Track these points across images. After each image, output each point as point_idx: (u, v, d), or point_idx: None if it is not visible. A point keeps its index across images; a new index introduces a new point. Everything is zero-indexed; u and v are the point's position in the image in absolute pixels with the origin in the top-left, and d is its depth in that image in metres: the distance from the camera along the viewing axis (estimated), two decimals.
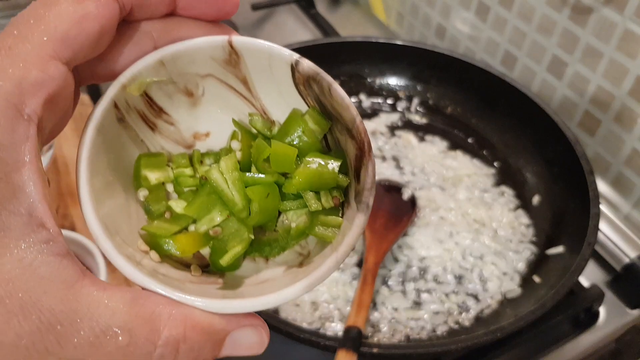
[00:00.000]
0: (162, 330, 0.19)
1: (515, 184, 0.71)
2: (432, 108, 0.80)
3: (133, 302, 0.20)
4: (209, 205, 0.25)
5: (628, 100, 0.68)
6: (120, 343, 0.19)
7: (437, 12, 0.95)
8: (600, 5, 0.67)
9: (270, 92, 0.26)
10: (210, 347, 0.21)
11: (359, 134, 0.24)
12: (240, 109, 0.27)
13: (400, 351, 0.48)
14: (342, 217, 0.25)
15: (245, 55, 0.25)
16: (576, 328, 0.62)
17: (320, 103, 0.26)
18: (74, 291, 0.19)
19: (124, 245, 0.23)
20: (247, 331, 0.22)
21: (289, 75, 0.25)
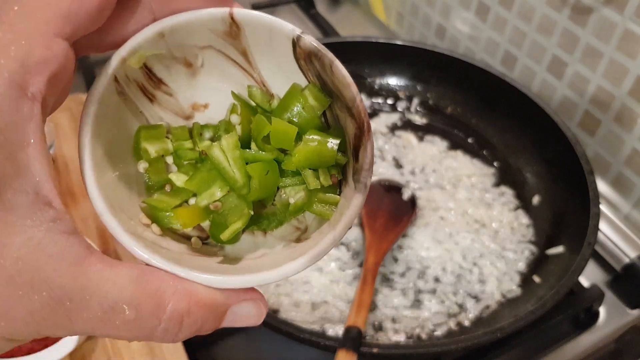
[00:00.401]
0: (167, 305, 0.20)
1: (515, 184, 0.71)
2: (432, 108, 0.80)
3: (139, 278, 0.20)
4: (210, 181, 0.25)
5: (628, 100, 0.68)
6: (127, 318, 0.19)
7: (437, 12, 0.95)
8: (600, 5, 0.67)
9: (270, 66, 0.26)
10: (212, 320, 0.21)
11: (359, 113, 0.24)
12: (239, 80, 0.27)
13: (400, 351, 0.48)
14: (339, 194, 0.26)
15: (246, 27, 0.25)
16: (576, 328, 0.62)
17: (321, 79, 0.26)
18: (83, 268, 0.19)
19: (126, 219, 0.23)
20: (247, 305, 0.23)
21: (290, 49, 0.25)
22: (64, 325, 0.19)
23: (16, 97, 0.18)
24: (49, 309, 0.18)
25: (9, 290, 0.18)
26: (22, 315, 0.18)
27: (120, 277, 0.20)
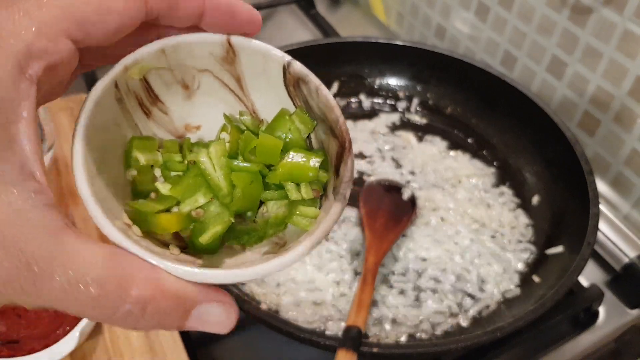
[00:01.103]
0: (132, 288, 0.20)
1: (514, 184, 0.71)
2: (432, 108, 0.81)
3: (110, 258, 0.20)
4: (194, 188, 0.26)
5: (628, 101, 0.68)
6: (90, 294, 0.19)
7: (437, 13, 0.95)
8: (600, 5, 0.67)
9: (262, 92, 0.28)
10: (177, 314, 0.21)
11: (341, 133, 0.26)
12: (232, 105, 0.29)
13: (400, 351, 0.48)
14: (320, 209, 0.27)
15: (241, 54, 0.26)
16: (576, 328, 0.62)
17: (308, 104, 0.27)
18: (57, 239, 0.20)
19: (110, 214, 0.23)
20: (215, 307, 0.22)
21: (281, 75, 0.27)
22: (28, 292, 0.19)
23: (16, 75, 0.20)
24: (16, 272, 0.19)
25: None
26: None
27: (91, 254, 0.20)
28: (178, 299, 0.21)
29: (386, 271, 0.60)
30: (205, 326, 0.22)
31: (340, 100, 0.82)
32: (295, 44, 0.76)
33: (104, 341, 0.52)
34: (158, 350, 0.51)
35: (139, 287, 0.20)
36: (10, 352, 0.47)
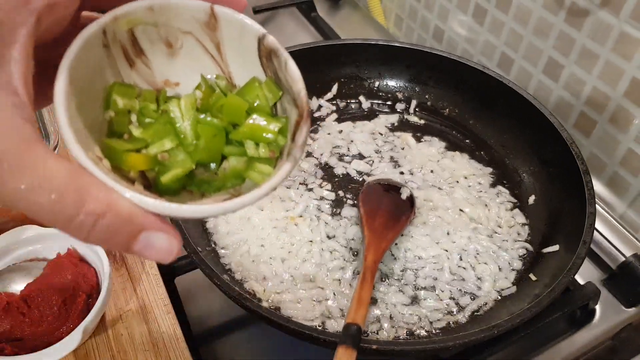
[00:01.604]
0: (88, 202, 0.22)
1: (511, 184, 0.72)
2: (430, 109, 0.81)
3: (73, 173, 0.23)
4: (163, 133, 0.29)
5: (623, 102, 0.68)
6: (50, 199, 0.22)
7: (435, 15, 0.96)
8: (596, 7, 0.68)
9: (238, 60, 0.31)
10: (125, 234, 0.23)
11: (302, 104, 0.29)
12: (210, 69, 0.31)
13: (399, 348, 0.49)
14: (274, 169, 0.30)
15: (222, 21, 0.29)
16: (572, 326, 0.63)
17: (277, 76, 0.30)
18: (29, 146, 0.22)
19: (84, 145, 0.25)
20: (161, 235, 0.24)
21: (256, 47, 0.30)
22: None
23: (19, 3, 0.23)
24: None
25: None
26: None
27: (56, 166, 0.22)
28: (128, 221, 0.23)
29: (385, 269, 0.60)
30: (150, 252, 0.24)
31: (340, 101, 0.82)
32: (295, 46, 0.77)
33: (107, 339, 0.52)
34: (161, 348, 0.52)
35: (94, 202, 0.22)
36: (14, 349, 0.48)
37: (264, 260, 0.60)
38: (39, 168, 0.22)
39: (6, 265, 0.54)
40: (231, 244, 0.62)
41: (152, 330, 0.53)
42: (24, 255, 0.55)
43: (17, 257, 0.55)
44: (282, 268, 0.59)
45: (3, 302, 0.49)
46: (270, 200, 0.66)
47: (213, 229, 0.63)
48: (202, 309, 0.62)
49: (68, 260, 0.53)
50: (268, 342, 0.59)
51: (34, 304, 0.50)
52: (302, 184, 0.69)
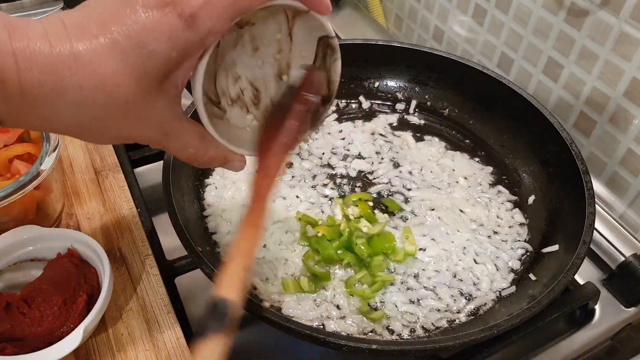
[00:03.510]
0: (208, 152, 0.41)
1: (511, 184, 0.72)
2: (430, 109, 0.81)
3: (201, 135, 0.40)
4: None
5: (623, 102, 0.68)
6: (190, 152, 0.40)
7: (434, 16, 0.96)
8: (596, 7, 0.68)
9: (301, 34, 0.42)
10: (222, 162, 0.42)
11: (333, 90, 0.44)
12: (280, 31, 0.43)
13: (398, 347, 0.49)
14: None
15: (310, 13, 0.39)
16: (572, 325, 0.63)
17: (324, 60, 0.43)
18: (180, 122, 0.38)
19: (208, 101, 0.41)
20: (237, 162, 0.44)
21: (318, 37, 0.42)
22: (161, 143, 0.37)
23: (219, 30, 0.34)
24: (156, 135, 0.37)
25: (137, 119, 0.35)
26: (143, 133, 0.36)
27: (194, 132, 0.39)
28: (225, 158, 0.42)
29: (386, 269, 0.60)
30: (232, 168, 0.43)
31: (340, 101, 0.82)
32: None
33: (107, 339, 0.52)
34: (161, 348, 0.52)
35: (211, 152, 0.40)
36: (15, 349, 0.48)
37: (267, 260, 0.60)
38: (186, 136, 0.38)
39: (6, 265, 0.54)
40: (232, 243, 0.62)
41: (153, 330, 0.53)
42: (24, 255, 0.55)
43: (17, 257, 0.55)
44: (283, 269, 0.59)
45: (3, 302, 0.49)
46: (273, 200, 0.66)
47: (214, 228, 0.64)
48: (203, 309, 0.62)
49: (68, 260, 0.53)
50: (268, 342, 0.60)
51: (34, 304, 0.50)
52: (303, 184, 0.69)
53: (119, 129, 0.34)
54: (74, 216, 0.63)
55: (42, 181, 0.54)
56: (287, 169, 0.72)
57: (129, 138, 0.36)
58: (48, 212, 0.60)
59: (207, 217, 0.65)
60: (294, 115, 0.41)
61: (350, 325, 0.55)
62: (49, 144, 0.55)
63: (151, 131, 0.36)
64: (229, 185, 0.68)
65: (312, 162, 0.73)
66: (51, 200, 0.59)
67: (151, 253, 0.59)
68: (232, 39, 0.41)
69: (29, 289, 0.50)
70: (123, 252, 0.59)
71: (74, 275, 0.52)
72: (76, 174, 0.67)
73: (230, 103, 0.44)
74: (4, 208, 0.52)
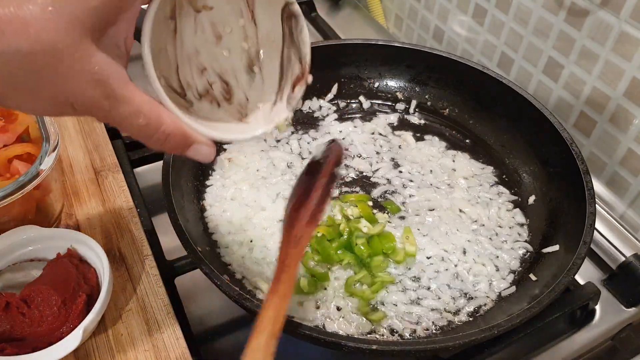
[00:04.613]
0: (163, 125, 0.34)
1: (511, 184, 0.72)
2: (430, 109, 0.81)
3: (153, 105, 0.34)
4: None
5: (623, 101, 0.68)
6: (140, 123, 0.34)
7: (435, 16, 0.96)
8: (596, 7, 0.68)
9: (263, 8, 0.40)
10: (183, 145, 0.37)
11: (306, 63, 0.41)
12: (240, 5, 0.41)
13: (399, 348, 0.49)
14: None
15: None
16: (572, 325, 0.63)
17: (291, 32, 0.41)
18: (127, 85, 0.33)
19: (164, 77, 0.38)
20: (204, 146, 0.37)
21: (281, 7, 0.40)
22: (105, 109, 0.32)
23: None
24: (101, 96, 0.32)
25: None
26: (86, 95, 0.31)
27: (143, 100, 0.33)
28: (186, 137, 0.36)
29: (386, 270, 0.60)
30: (197, 156, 0.37)
31: (340, 101, 0.82)
32: None
33: (107, 339, 0.52)
34: (161, 348, 0.52)
35: (166, 125, 0.35)
36: (15, 349, 0.48)
37: (268, 261, 0.60)
38: (134, 101, 0.33)
39: (6, 265, 0.54)
40: (232, 243, 0.62)
41: (152, 330, 0.53)
42: (23, 255, 0.55)
43: (17, 257, 0.55)
44: None
45: (3, 302, 0.49)
46: (273, 201, 0.66)
47: (214, 228, 0.63)
48: (202, 309, 0.62)
49: (68, 260, 0.53)
50: None
51: (34, 304, 0.50)
52: None
53: (52, 84, 0.30)
54: (73, 216, 0.63)
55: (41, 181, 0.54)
56: (288, 168, 0.72)
57: (66, 100, 0.32)
58: (48, 212, 0.60)
59: (207, 217, 0.65)
60: (320, 187, 0.44)
61: (350, 325, 0.55)
62: (49, 144, 0.54)
63: (91, 91, 0.31)
64: (229, 185, 0.68)
65: None
66: (51, 201, 0.59)
67: (151, 253, 0.59)
68: (191, 23, 0.39)
69: (28, 289, 0.50)
70: (123, 252, 0.59)
71: (73, 275, 0.52)
72: (76, 174, 0.67)
73: (197, 96, 0.41)
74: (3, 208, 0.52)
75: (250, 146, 0.73)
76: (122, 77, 0.32)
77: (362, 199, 0.67)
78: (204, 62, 0.41)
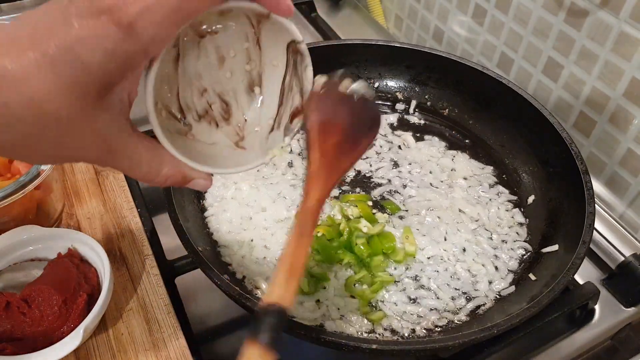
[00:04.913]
0: (163, 169, 0.37)
1: (511, 184, 0.72)
2: (430, 109, 0.82)
3: (154, 152, 0.36)
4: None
5: (623, 102, 0.69)
6: (142, 170, 0.36)
7: (434, 16, 0.96)
8: (596, 7, 0.68)
9: (269, 40, 0.40)
10: (183, 182, 0.39)
11: (307, 99, 0.41)
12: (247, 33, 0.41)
13: (398, 347, 0.49)
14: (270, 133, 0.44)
15: (272, 17, 0.38)
16: (572, 325, 0.63)
17: (295, 66, 0.41)
18: (129, 138, 0.34)
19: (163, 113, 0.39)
20: (201, 180, 0.40)
21: (287, 42, 0.40)
22: (107, 162, 0.34)
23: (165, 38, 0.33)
24: (101, 153, 0.33)
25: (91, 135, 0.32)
26: (86, 147, 0.32)
27: (145, 148, 0.35)
28: (185, 176, 0.39)
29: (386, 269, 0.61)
30: (195, 187, 0.40)
31: None
32: None
33: (107, 338, 0.52)
34: (161, 348, 0.52)
35: (167, 170, 0.37)
36: (15, 349, 0.48)
37: (269, 260, 0.60)
38: (136, 153, 0.35)
39: (7, 265, 0.54)
40: (232, 243, 0.62)
41: (153, 330, 0.53)
42: (24, 255, 0.55)
43: (17, 257, 0.55)
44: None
45: (4, 301, 0.49)
46: (274, 201, 0.66)
47: (214, 228, 0.64)
48: (203, 309, 0.62)
49: (69, 260, 0.53)
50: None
51: (35, 304, 0.50)
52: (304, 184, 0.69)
53: (55, 147, 0.31)
54: (74, 216, 0.63)
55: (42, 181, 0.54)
56: (289, 168, 0.72)
57: (71, 157, 0.33)
58: (48, 212, 0.60)
59: (208, 217, 0.65)
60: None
61: (350, 325, 0.55)
62: None
63: (94, 149, 0.32)
64: (230, 185, 0.68)
65: None
66: (51, 200, 0.60)
67: (151, 253, 0.59)
68: (195, 49, 0.39)
69: (29, 289, 0.50)
70: (123, 252, 0.59)
71: (74, 275, 0.52)
72: (76, 173, 0.67)
73: (197, 118, 0.42)
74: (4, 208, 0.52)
75: None
76: (125, 131, 0.34)
77: (362, 199, 0.67)
78: (205, 84, 0.41)
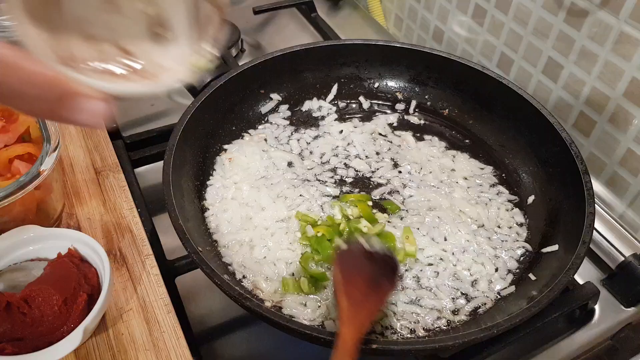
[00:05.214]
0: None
1: (511, 184, 0.72)
2: (430, 110, 0.82)
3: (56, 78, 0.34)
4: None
5: (622, 102, 0.69)
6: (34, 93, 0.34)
7: (434, 16, 0.96)
8: (596, 7, 0.68)
9: None
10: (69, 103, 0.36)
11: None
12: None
13: (399, 347, 0.49)
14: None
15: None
16: (572, 325, 0.63)
17: None
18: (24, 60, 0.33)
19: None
20: (95, 101, 0.35)
21: None
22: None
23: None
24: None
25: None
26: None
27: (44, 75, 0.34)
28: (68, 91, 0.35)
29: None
30: (84, 114, 0.35)
31: (340, 101, 0.83)
32: (295, 46, 0.77)
33: (107, 338, 0.52)
34: (161, 348, 0.52)
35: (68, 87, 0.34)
36: (15, 349, 0.48)
37: (269, 261, 0.60)
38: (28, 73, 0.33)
39: (7, 265, 0.54)
40: (233, 243, 0.62)
41: (153, 330, 0.53)
42: (24, 255, 0.55)
43: (17, 257, 0.55)
44: (284, 269, 0.59)
45: (4, 301, 0.49)
46: (274, 201, 0.66)
47: (214, 228, 0.64)
48: (203, 309, 0.62)
49: (69, 260, 0.53)
50: (268, 341, 0.60)
51: (35, 304, 0.50)
52: (304, 184, 0.69)
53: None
54: (74, 216, 0.63)
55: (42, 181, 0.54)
56: (289, 168, 0.72)
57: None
58: (48, 212, 0.60)
59: (208, 217, 0.65)
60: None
61: None
62: (50, 144, 0.55)
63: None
64: (230, 185, 0.68)
65: (313, 161, 0.73)
66: (51, 200, 0.60)
67: (151, 253, 0.59)
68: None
69: (29, 289, 0.50)
70: (123, 252, 0.59)
71: (74, 275, 0.52)
72: (76, 174, 0.67)
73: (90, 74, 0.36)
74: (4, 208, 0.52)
75: (250, 146, 0.73)
76: (19, 54, 0.33)
77: (362, 199, 0.67)
78: (94, 31, 0.36)
